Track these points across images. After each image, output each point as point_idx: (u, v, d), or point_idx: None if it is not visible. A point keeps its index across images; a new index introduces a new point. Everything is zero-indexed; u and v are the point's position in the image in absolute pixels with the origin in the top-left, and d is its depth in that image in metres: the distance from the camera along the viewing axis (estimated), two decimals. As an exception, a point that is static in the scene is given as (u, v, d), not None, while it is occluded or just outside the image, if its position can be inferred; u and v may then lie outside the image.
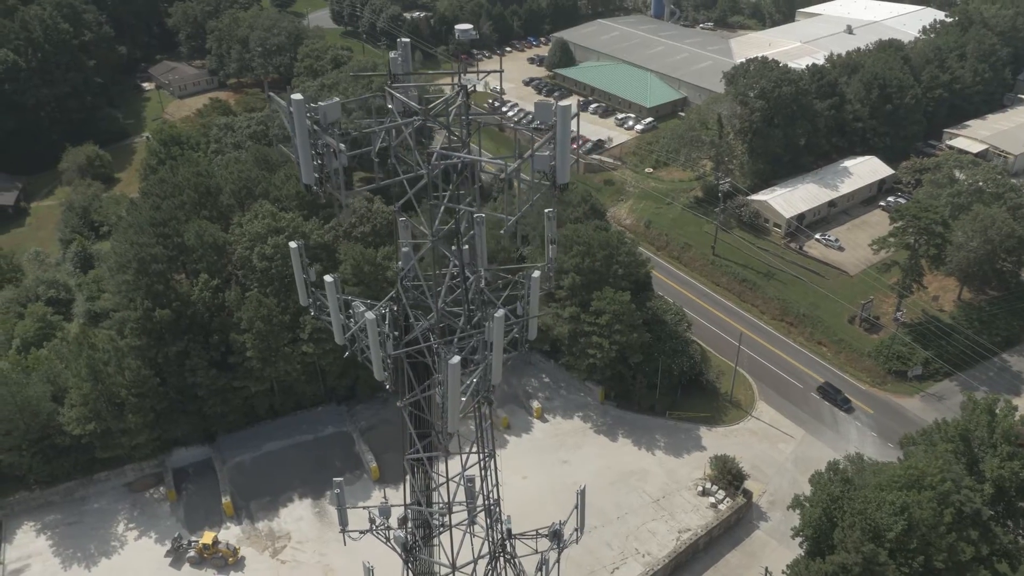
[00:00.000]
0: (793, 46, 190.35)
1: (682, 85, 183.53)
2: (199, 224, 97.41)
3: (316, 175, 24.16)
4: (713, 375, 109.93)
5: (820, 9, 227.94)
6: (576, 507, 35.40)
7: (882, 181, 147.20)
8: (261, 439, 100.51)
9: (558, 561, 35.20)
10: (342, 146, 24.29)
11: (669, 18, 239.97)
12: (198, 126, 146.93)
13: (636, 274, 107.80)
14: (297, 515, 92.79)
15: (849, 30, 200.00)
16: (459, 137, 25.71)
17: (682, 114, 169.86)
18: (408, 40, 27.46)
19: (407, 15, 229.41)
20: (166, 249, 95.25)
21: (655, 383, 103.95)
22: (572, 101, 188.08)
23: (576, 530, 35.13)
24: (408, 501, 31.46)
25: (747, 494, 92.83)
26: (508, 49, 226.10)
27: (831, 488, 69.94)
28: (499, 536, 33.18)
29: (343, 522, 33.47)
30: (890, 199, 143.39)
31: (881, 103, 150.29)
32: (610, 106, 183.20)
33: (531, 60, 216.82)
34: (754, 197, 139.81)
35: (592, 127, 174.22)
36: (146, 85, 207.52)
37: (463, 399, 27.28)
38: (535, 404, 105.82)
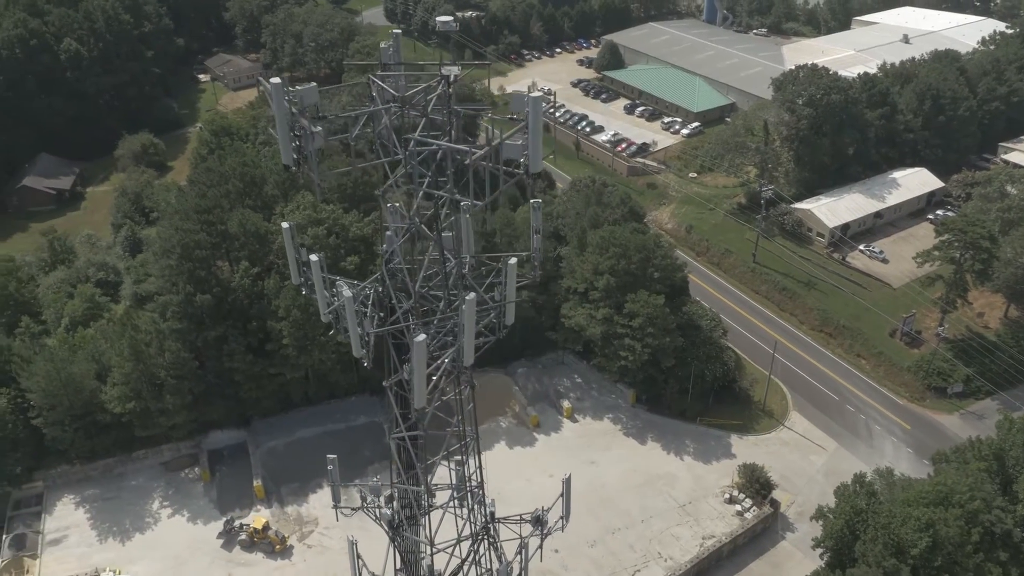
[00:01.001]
0: (847, 54, 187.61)
1: (731, 91, 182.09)
2: (242, 213, 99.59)
3: (295, 156, 25.02)
4: (747, 383, 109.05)
5: (877, 18, 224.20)
6: (562, 495, 35.73)
7: (931, 194, 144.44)
8: (294, 425, 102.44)
9: (540, 547, 35.53)
10: (319, 128, 25.17)
11: (721, 23, 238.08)
12: (248, 117, 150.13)
13: (672, 278, 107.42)
14: (325, 501, 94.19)
15: (905, 40, 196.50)
16: (440, 125, 26.38)
17: (729, 120, 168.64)
18: (399, 31, 28.22)
19: (459, 14, 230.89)
20: (209, 236, 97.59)
21: (687, 388, 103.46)
22: (619, 104, 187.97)
23: (562, 518, 35.45)
24: (394, 480, 32.17)
25: (774, 504, 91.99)
26: (558, 50, 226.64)
27: (855, 500, 69.08)
28: (482, 519, 33.74)
29: (336, 498, 34.44)
30: (939, 212, 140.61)
31: (934, 114, 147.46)
32: (657, 110, 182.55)
33: (580, 62, 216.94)
34: (798, 205, 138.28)
35: (638, 130, 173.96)
36: (202, 76, 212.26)
37: (434, 378, 27.96)
38: (566, 404, 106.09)
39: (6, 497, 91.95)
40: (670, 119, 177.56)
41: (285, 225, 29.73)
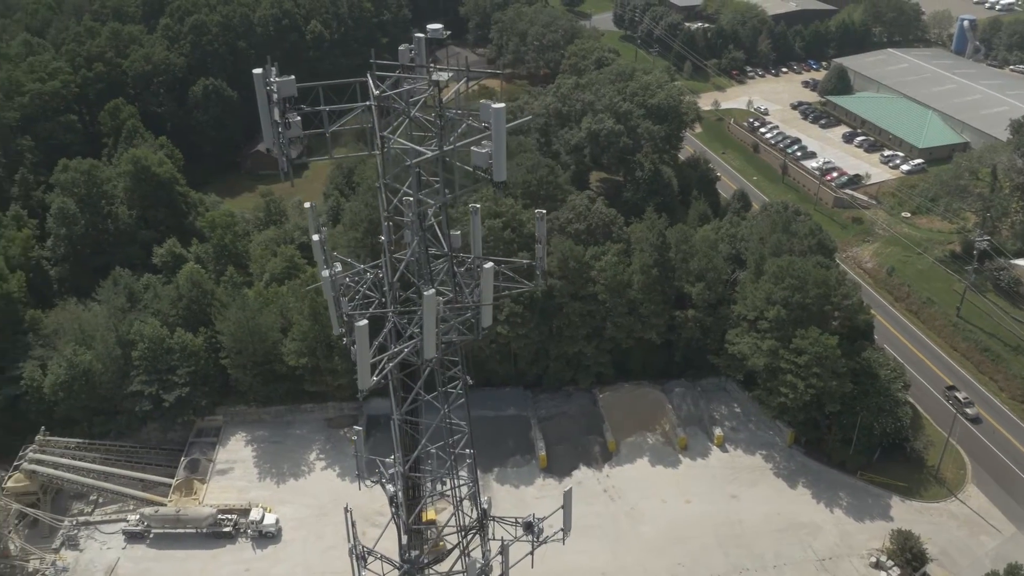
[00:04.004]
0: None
1: (966, 129, 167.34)
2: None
3: (276, 142, 26.49)
4: (921, 444, 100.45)
5: None
6: (562, 507, 35.13)
7: None
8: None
9: (531, 554, 35.09)
10: (298, 118, 26.53)
11: (972, 55, 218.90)
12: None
13: (854, 320, 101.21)
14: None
15: None
16: (431, 128, 27.09)
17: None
18: (423, 36, 29.06)
19: (688, 25, 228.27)
20: (397, 214, 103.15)
21: (851, 438, 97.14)
22: (838, 131, 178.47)
23: (562, 530, 34.83)
24: (397, 461, 33.26)
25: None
26: (784, 69, 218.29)
27: (1002, 591, 62.12)
28: (476, 514, 34.08)
29: (360, 469, 36.12)
30: None
31: None
32: (878, 141, 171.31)
33: (805, 84, 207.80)
34: (1019, 262, 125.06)
35: (853, 160, 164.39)
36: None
37: (390, 365, 28.65)
38: (718, 432, 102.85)
39: (190, 424, 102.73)
40: (891, 152, 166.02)
41: (307, 205, 31.62)
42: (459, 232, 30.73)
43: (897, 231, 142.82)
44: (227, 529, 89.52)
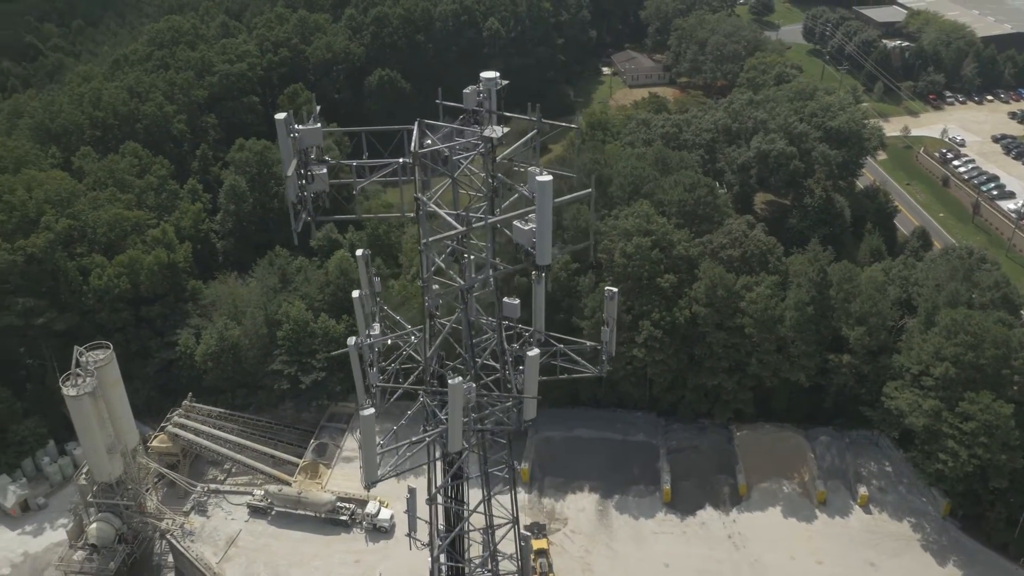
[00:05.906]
0: None
1: None
2: (578, 207, 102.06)
3: (300, 194, 24.14)
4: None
5: None
6: None
7: None
8: (575, 422, 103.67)
9: None
10: (324, 171, 24.05)
11: None
12: (625, 116, 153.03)
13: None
14: (581, 505, 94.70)
15: None
16: (483, 188, 23.99)
17: None
18: (497, 75, 26.03)
19: (884, 42, 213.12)
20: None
21: (1017, 519, 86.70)
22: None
23: None
24: (440, 526, 30.76)
25: None
26: (989, 97, 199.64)
27: None
28: None
29: (412, 527, 34.01)
30: None
31: None
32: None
33: (1012, 115, 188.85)
34: None
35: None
36: (605, 69, 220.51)
37: (410, 453, 25.89)
38: (862, 490, 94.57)
39: (324, 408, 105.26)
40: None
41: (359, 252, 29.52)
42: (517, 301, 27.94)
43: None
44: (344, 518, 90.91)
